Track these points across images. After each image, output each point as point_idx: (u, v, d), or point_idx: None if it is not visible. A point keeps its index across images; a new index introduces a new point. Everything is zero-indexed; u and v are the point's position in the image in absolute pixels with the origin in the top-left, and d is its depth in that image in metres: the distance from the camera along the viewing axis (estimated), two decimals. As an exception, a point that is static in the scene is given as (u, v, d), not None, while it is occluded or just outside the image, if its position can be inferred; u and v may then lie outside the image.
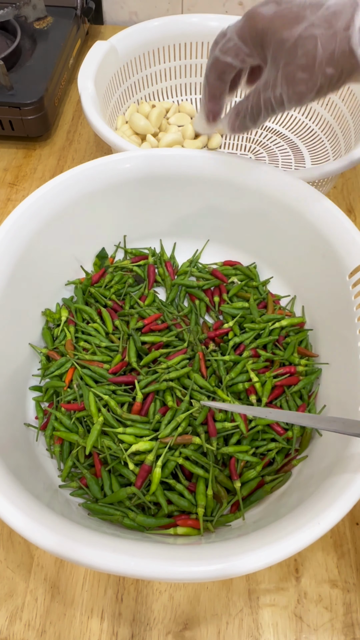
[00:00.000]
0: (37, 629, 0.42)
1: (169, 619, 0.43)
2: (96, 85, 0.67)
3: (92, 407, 0.46)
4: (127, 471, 0.44)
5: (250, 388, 0.49)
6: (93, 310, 0.55)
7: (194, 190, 0.57)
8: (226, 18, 0.77)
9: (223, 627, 0.43)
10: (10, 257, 0.47)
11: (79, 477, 0.46)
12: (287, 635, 0.42)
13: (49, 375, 0.51)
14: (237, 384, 0.49)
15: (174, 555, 0.34)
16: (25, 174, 0.75)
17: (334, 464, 0.39)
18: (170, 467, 0.44)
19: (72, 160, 0.78)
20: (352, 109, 0.74)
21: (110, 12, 1.01)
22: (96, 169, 0.53)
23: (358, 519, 0.48)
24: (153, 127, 0.75)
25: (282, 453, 0.47)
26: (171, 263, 0.61)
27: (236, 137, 0.82)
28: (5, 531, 0.47)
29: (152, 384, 0.48)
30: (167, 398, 0.47)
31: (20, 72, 0.75)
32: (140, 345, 0.51)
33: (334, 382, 0.49)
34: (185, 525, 0.42)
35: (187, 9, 0.98)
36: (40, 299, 0.55)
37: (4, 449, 0.40)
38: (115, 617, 0.43)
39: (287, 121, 0.83)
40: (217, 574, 0.32)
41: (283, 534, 0.34)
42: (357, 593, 0.44)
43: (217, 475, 0.44)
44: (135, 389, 0.48)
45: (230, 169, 0.54)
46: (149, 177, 0.55)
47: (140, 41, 0.75)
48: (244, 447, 0.45)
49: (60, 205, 0.52)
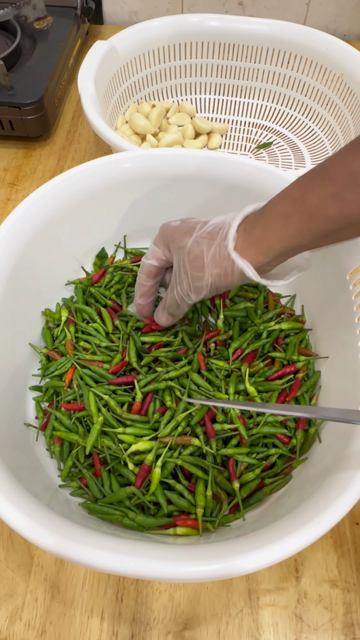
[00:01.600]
0: (37, 629, 0.42)
1: (169, 619, 0.43)
2: (96, 85, 0.67)
3: (92, 407, 0.46)
4: (126, 471, 0.44)
5: (251, 400, 0.49)
6: (93, 310, 0.55)
7: (194, 190, 0.56)
8: (226, 18, 0.77)
9: (223, 627, 0.43)
10: (10, 257, 0.47)
11: (79, 477, 0.46)
12: (287, 635, 0.42)
13: (49, 375, 0.51)
14: (238, 396, 0.49)
15: (173, 555, 0.34)
16: (25, 174, 0.75)
17: (333, 464, 0.39)
18: (169, 467, 0.44)
19: (72, 160, 0.78)
20: (352, 109, 0.74)
21: (110, 12, 1.01)
22: (96, 169, 0.53)
23: (358, 519, 0.48)
24: (153, 127, 0.75)
25: (283, 458, 0.47)
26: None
27: (236, 137, 0.82)
28: (5, 531, 0.47)
29: (151, 383, 0.48)
30: (165, 398, 0.47)
31: (20, 72, 0.75)
32: (140, 345, 0.51)
33: (334, 382, 0.49)
34: (184, 525, 0.42)
35: (187, 9, 0.98)
36: (40, 299, 0.55)
37: (4, 449, 0.40)
38: (115, 617, 0.43)
39: (287, 121, 0.83)
40: (217, 574, 0.32)
41: (283, 534, 0.34)
42: (357, 593, 0.44)
43: (216, 477, 0.44)
44: (135, 388, 0.48)
45: (230, 169, 0.54)
46: (149, 177, 0.55)
47: (140, 41, 0.75)
48: (243, 449, 0.45)
49: (60, 205, 0.52)
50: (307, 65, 0.78)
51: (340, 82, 0.75)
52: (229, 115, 0.85)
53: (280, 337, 0.54)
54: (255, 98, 0.84)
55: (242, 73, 0.82)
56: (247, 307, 0.55)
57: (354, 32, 1.00)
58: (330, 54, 0.75)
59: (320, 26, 0.98)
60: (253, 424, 0.47)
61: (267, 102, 0.84)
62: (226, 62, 0.82)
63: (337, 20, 0.98)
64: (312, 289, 0.55)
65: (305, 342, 0.54)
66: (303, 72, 0.79)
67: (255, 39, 0.78)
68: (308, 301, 0.56)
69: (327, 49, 0.75)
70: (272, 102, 0.84)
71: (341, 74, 0.74)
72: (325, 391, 0.50)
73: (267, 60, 0.80)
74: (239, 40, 0.78)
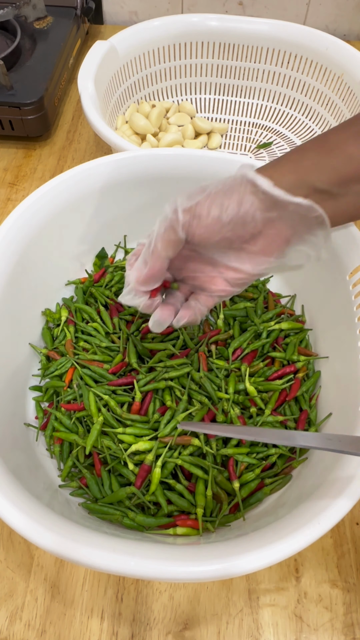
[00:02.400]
0: (37, 628, 0.42)
1: (169, 619, 0.43)
2: (96, 85, 0.67)
3: (92, 407, 0.46)
4: (126, 471, 0.44)
5: (251, 400, 0.49)
6: (93, 310, 0.55)
7: (194, 190, 0.56)
8: (226, 18, 0.77)
9: (223, 627, 0.43)
10: (10, 256, 0.47)
11: (79, 477, 0.46)
12: (287, 635, 0.42)
13: (49, 375, 0.51)
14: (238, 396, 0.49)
15: (174, 555, 0.34)
16: (25, 174, 0.75)
17: (333, 464, 0.39)
18: (169, 467, 0.44)
19: (72, 160, 0.78)
20: (352, 109, 0.74)
21: (110, 12, 1.01)
22: (96, 169, 0.53)
23: (358, 519, 0.48)
24: (153, 126, 0.75)
25: (283, 458, 0.47)
26: None
27: (236, 137, 0.82)
28: (5, 531, 0.47)
29: (151, 382, 0.48)
30: (165, 397, 0.47)
31: (20, 72, 0.75)
32: (141, 348, 0.51)
33: (334, 382, 0.49)
34: (184, 525, 0.42)
35: (187, 9, 0.98)
36: (40, 298, 0.55)
37: (4, 448, 0.40)
38: (115, 617, 0.43)
39: (287, 121, 0.83)
40: (217, 574, 0.32)
41: (283, 534, 0.34)
42: (357, 593, 0.44)
43: (216, 476, 0.44)
44: (134, 389, 0.48)
45: (230, 169, 0.54)
46: (149, 177, 0.55)
47: (140, 41, 0.75)
48: (243, 449, 0.45)
49: (61, 205, 0.51)
50: (307, 65, 0.78)
51: (340, 82, 0.75)
52: (229, 115, 0.85)
53: (280, 337, 0.54)
54: (255, 98, 0.84)
55: (242, 73, 0.82)
56: (247, 307, 0.55)
57: (354, 32, 1.00)
58: (330, 54, 0.75)
59: (320, 26, 0.98)
60: (253, 424, 0.47)
61: (267, 102, 0.84)
62: (226, 62, 0.82)
63: (337, 20, 0.98)
64: (312, 289, 0.55)
65: (305, 342, 0.54)
66: (303, 72, 0.79)
67: (255, 39, 0.78)
68: (308, 301, 0.56)
69: (327, 49, 0.75)
70: (272, 102, 0.84)
71: (341, 74, 0.74)
72: (326, 391, 0.50)
73: (267, 60, 0.80)
74: (239, 40, 0.78)
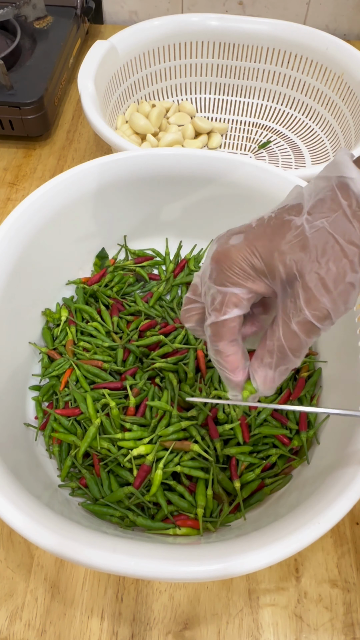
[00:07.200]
0: (37, 628, 0.42)
1: (169, 619, 0.43)
2: (96, 85, 0.67)
3: (90, 409, 0.46)
4: (125, 472, 0.44)
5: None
6: (93, 310, 0.55)
7: (194, 190, 0.56)
8: (226, 17, 0.77)
9: (223, 626, 0.43)
10: (10, 256, 0.47)
11: (78, 477, 0.46)
12: (287, 635, 0.42)
13: (48, 375, 0.51)
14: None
15: (174, 555, 0.34)
16: (25, 173, 0.75)
17: (333, 464, 0.39)
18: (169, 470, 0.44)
19: (72, 160, 0.78)
20: (352, 109, 0.74)
21: (110, 11, 1.01)
22: (96, 168, 0.53)
23: (358, 518, 0.48)
24: (153, 126, 0.75)
25: (283, 458, 0.47)
26: (186, 260, 0.61)
27: (236, 136, 0.82)
28: (5, 531, 0.47)
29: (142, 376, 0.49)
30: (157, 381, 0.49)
31: (20, 72, 0.75)
32: (139, 354, 0.51)
33: (335, 382, 0.49)
34: (185, 525, 0.42)
35: (187, 9, 0.98)
36: (40, 298, 0.55)
37: (4, 448, 0.40)
38: (115, 617, 0.43)
39: (287, 120, 0.83)
40: (217, 574, 0.32)
41: (283, 534, 0.34)
42: (357, 593, 0.44)
43: (217, 474, 0.44)
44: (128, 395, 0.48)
45: (230, 169, 0.54)
46: (149, 177, 0.55)
47: (140, 41, 0.75)
48: (245, 449, 0.45)
49: (60, 205, 0.51)
50: (307, 64, 0.78)
51: (340, 82, 0.75)
52: (229, 115, 0.85)
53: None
54: (255, 97, 0.84)
55: (242, 73, 0.82)
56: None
57: (354, 32, 1.00)
58: (330, 54, 0.75)
59: (320, 26, 0.98)
60: (253, 419, 0.47)
61: (267, 102, 0.84)
62: (226, 62, 0.82)
63: (337, 20, 0.98)
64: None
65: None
66: (303, 72, 0.79)
67: (256, 39, 0.78)
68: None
69: (327, 49, 0.75)
70: (272, 102, 0.84)
71: (341, 74, 0.74)
72: (326, 391, 0.50)
73: (267, 59, 0.80)
74: (239, 39, 0.78)
